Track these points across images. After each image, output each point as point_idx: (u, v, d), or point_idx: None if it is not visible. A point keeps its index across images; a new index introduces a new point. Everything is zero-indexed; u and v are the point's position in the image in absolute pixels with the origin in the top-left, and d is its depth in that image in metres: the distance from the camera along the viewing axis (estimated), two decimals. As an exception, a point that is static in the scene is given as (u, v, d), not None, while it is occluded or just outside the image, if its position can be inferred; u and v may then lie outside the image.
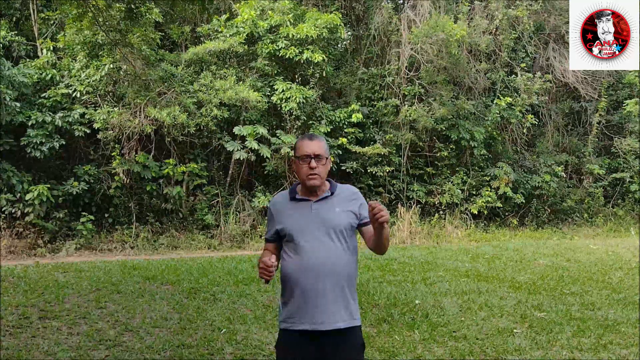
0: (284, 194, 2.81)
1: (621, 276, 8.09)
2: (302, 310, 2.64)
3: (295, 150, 2.76)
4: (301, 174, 2.72)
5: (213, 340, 5.00)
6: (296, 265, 2.65)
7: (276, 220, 2.75)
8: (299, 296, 2.65)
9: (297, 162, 2.74)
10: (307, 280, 2.63)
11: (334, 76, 13.72)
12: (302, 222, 2.68)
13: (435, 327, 5.46)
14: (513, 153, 15.03)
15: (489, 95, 14.95)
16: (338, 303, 2.65)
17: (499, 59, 14.89)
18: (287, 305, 2.70)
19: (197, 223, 11.63)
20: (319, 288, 2.63)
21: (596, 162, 15.56)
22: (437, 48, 13.64)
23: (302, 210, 2.71)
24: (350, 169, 13.07)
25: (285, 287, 2.71)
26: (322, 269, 2.63)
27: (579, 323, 5.60)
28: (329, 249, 2.65)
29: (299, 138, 2.82)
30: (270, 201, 2.87)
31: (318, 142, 2.74)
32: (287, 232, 2.69)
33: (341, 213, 2.72)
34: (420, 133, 13.74)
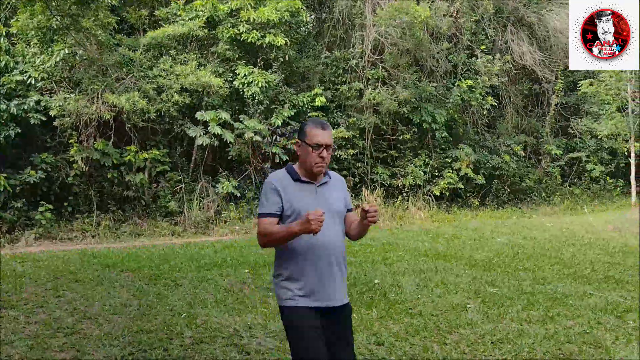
0: (284, 174, 2.84)
1: (573, 252, 8.41)
2: (317, 287, 2.74)
3: (306, 137, 2.78)
4: (309, 160, 2.77)
5: (173, 325, 5.03)
6: (307, 243, 2.71)
7: (283, 197, 2.76)
8: (312, 274, 2.74)
9: (305, 148, 2.78)
10: (320, 258, 2.74)
11: (297, 60, 13.69)
12: (311, 203, 2.74)
13: (392, 305, 5.60)
14: (474, 135, 15.32)
15: (450, 77, 15.15)
16: (342, 280, 2.86)
17: (460, 41, 15.10)
18: (295, 282, 2.75)
19: (160, 210, 11.54)
20: (333, 266, 2.78)
21: (554, 143, 16.01)
22: (401, 31, 13.74)
23: (308, 192, 2.80)
24: (314, 153, 13.11)
25: (292, 264, 2.76)
26: (332, 248, 2.78)
27: (529, 297, 5.83)
28: (335, 231, 2.81)
29: (308, 124, 2.84)
30: (272, 178, 2.84)
31: (329, 131, 2.81)
32: (296, 211, 2.73)
33: (338, 198, 2.89)
34: (383, 116, 13.87)
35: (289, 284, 2.76)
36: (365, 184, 13.57)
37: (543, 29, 15.43)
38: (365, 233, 2.95)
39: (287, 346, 4.42)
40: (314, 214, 2.55)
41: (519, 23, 15.53)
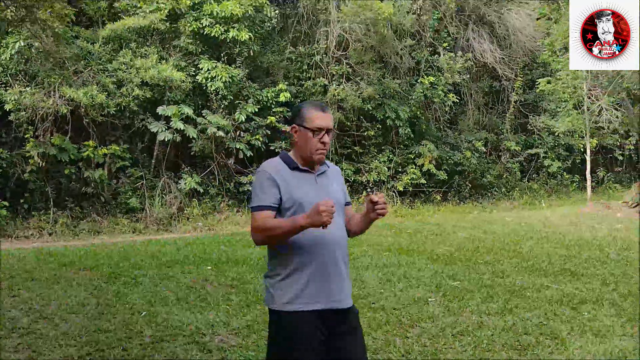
0: (279, 162, 2.55)
1: (531, 245, 8.62)
2: (322, 288, 2.43)
3: (304, 120, 2.51)
4: (309, 146, 2.49)
5: (132, 323, 4.93)
6: (312, 238, 2.41)
7: (281, 187, 2.45)
8: (318, 272, 2.43)
9: (304, 133, 2.50)
10: (326, 255, 2.45)
11: (261, 55, 13.59)
12: (311, 194, 2.46)
13: (355, 300, 5.55)
14: (436, 131, 15.53)
15: (413, 74, 15.31)
16: (348, 279, 2.58)
17: (423, 39, 15.26)
18: (297, 282, 2.43)
19: (120, 207, 11.30)
20: (339, 263, 2.50)
21: (513, 139, 16.38)
22: (365, 27, 13.81)
23: (307, 182, 2.52)
24: (279, 148, 13.06)
25: (293, 261, 2.44)
26: (337, 243, 2.50)
27: (488, 290, 5.95)
28: (339, 224, 2.52)
29: (306, 106, 2.56)
30: (266, 168, 2.52)
31: (330, 114, 2.55)
32: (297, 203, 2.44)
33: (338, 189, 2.63)
34: (348, 112, 13.92)
35: (288, 284, 2.43)
36: (329, 180, 13.58)
37: (503, 28, 15.75)
38: (368, 228, 2.65)
39: (249, 343, 4.44)
40: (324, 204, 2.25)
41: (480, 21, 15.81)
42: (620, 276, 6.58)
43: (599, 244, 8.74)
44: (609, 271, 6.84)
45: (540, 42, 15.33)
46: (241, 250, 8.21)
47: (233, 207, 12.28)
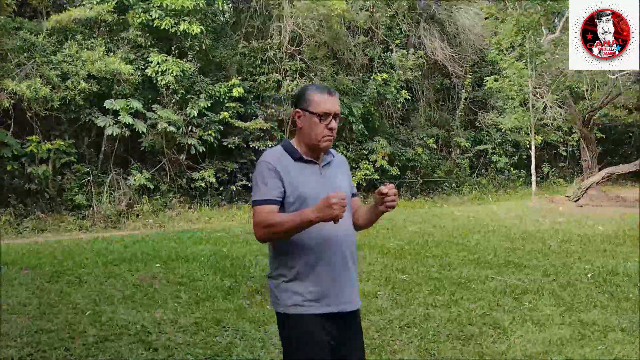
0: (281, 152, 2.33)
1: (478, 239, 8.86)
2: (331, 289, 2.26)
3: (310, 105, 2.29)
4: (315, 133, 2.28)
5: (75, 323, 4.79)
6: (319, 235, 2.23)
7: (285, 180, 2.25)
8: (326, 272, 2.26)
9: (310, 119, 2.29)
10: (335, 253, 2.28)
11: (213, 49, 13.43)
12: (317, 187, 2.28)
13: (306, 295, 5.64)
14: (389, 127, 15.74)
15: (366, 71, 15.45)
16: (357, 279, 2.42)
17: (376, 35, 15.42)
18: (304, 283, 2.25)
19: (66, 204, 10.96)
20: (348, 262, 2.33)
21: (463, 135, 16.80)
22: (319, 23, 13.84)
23: (312, 174, 2.32)
24: (232, 144, 12.95)
25: (300, 261, 2.25)
26: (346, 240, 2.33)
27: (436, 282, 6.09)
28: (346, 219, 2.30)
29: (311, 89, 2.34)
30: (268, 158, 2.30)
31: (337, 98, 2.34)
32: (301, 197, 2.25)
33: (344, 180, 2.44)
34: (301, 108, 13.91)
35: (295, 286, 2.25)
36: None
37: (453, 26, 16.10)
38: (376, 221, 2.48)
39: (197, 340, 4.40)
40: (335, 195, 2.06)
41: (431, 19, 16.11)
42: (560, 267, 6.84)
43: (541, 236, 9.06)
44: (550, 262, 7.10)
45: (488, 41, 15.74)
46: (192, 247, 8.10)
47: (185, 204, 12.11)
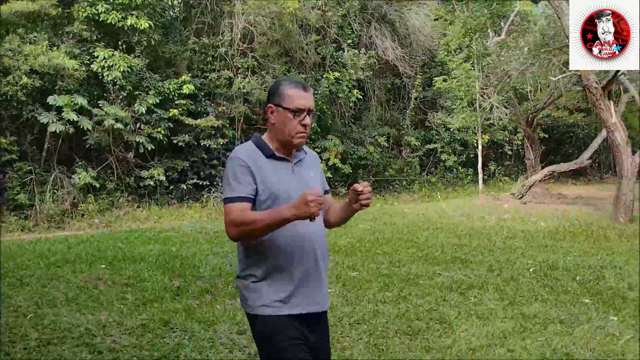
0: (253, 149, 2.26)
1: (427, 236, 9.06)
2: (302, 289, 2.23)
3: (283, 100, 2.23)
4: (289, 129, 2.23)
5: (17, 326, 4.61)
6: (291, 234, 2.18)
7: (257, 177, 2.19)
8: (297, 272, 2.22)
9: (282, 114, 2.23)
10: (307, 252, 2.23)
11: (162, 45, 13.16)
12: (289, 186, 2.22)
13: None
14: (341, 126, 15.85)
15: (319, 69, 15.50)
16: (326, 279, 2.37)
17: (328, 34, 15.48)
18: (274, 283, 2.20)
19: (7, 203, 10.50)
20: (319, 261, 2.28)
21: (413, 135, 17.11)
22: (271, 21, 13.78)
23: (285, 172, 2.27)
24: (182, 142, 12.73)
25: (270, 260, 2.20)
26: (317, 239, 2.28)
27: (385, 279, 6.18)
28: (319, 218, 2.25)
29: (285, 84, 2.27)
30: (239, 154, 2.22)
31: (311, 94, 2.29)
32: (274, 194, 2.19)
33: (316, 178, 2.38)
34: (254, 106, 13.85)
35: (264, 286, 2.20)
36: (235, 174, 13.44)
37: (403, 27, 16.35)
38: (349, 219, 2.44)
39: (144, 342, 4.31)
40: (312, 193, 2.00)
41: (382, 20, 16.30)
42: (504, 262, 7.08)
43: (487, 233, 9.34)
44: (494, 258, 7.34)
45: (437, 42, 16.09)
46: (140, 248, 7.92)
47: (133, 203, 11.83)
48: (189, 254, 7.48)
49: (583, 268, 6.72)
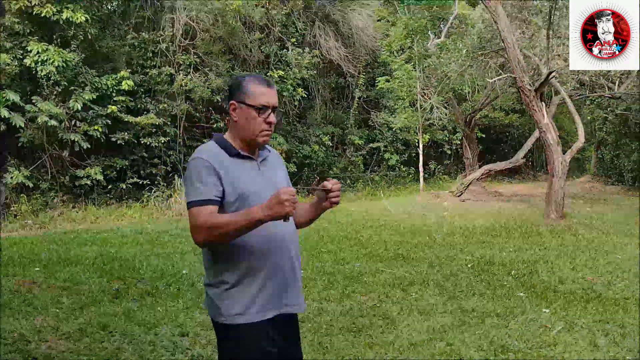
0: (216, 148, 2.14)
1: (370, 233, 9.20)
2: (275, 293, 2.13)
3: (247, 96, 2.14)
4: (252, 127, 2.14)
5: (-59, 335, 4.35)
6: (264, 235, 2.07)
7: (223, 178, 2.07)
8: (271, 276, 2.11)
9: (247, 112, 2.14)
10: (281, 253, 2.14)
11: (100, 39, 12.71)
12: (258, 186, 2.13)
13: (200, 295, 5.54)
14: (286, 125, 15.84)
15: (263, 67, 15.41)
16: (301, 280, 2.30)
17: (272, 33, 15.42)
18: (248, 289, 2.08)
19: None
20: (293, 261, 2.20)
21: (357, 134, 17.32)
22: (214, 17, 13.58)
23: (251, 171, 2.17)
24: (121, 140, 12.34)
25: (243, 265, 2.08)
26: (290, 239, 2.20)
27: (329, 277, 6.24)
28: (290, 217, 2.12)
29: (248, 80, 2.18)
30: (203, 154, 2.10)
31: (275, 90, 2.21)
32: (243, 195, 2.08)
33: (282, 176, 2.31)
34: (196, 104, 13.62)
35: (238, 292, 2.08)
36: (177, 173, 13.19)
37: (347, 27, 16.51)
38: (317, 218, 2.35)
39: (82, 347, 4.17)
40: (286, 192, 1.91)
41: (326, 19, 16.39)
42: (444, 258, 7.30)
43: (428, 230, 9.59)
44: (435, 254, 7.55)
45: (380, 43, 16.35)
46: (76, 249, 7.64)
47: (69, 203, 11.38)
48: (128, 255, 7.28)
49: (518, 263, 7.02)
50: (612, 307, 5.15)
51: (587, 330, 4.54)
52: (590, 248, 8.02)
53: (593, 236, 9.08)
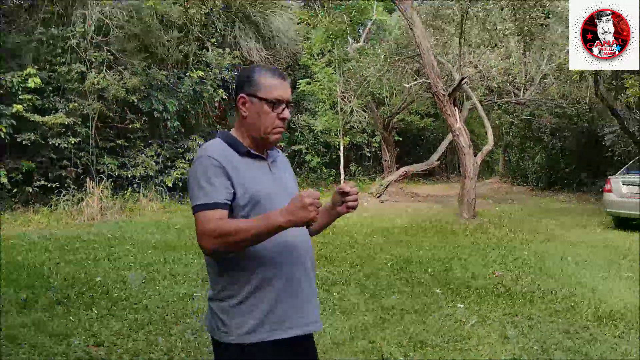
0: (225, 146, 1.91)
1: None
2: (291, 309, 1.89)
3: (259, 89, 1.91)
4: (265, 123, 1.92)
5: None
6: (278, 244, 1.84)
7: (233, 179, 1.84)
8: (286, 289, 1.88)
9: (259, 106, 1.91)
10: (296, 264, 1.91)
11: (5, 34, 11.88)
12: (269, 188, 1.91)
13: (115, 302, 5.32)
14: (206, 126, 15.55)
15: (181, 67, 15.05)
16: (317, 293, 2.06)
17: (191, 32, 15.09)
18: (260, 304, 1.85)
19: None
20: (309, 273, 1.97)
21: (280, 136, 17.32)
22: (128, 14, 13.08)
23: (262, 172, 1.94)
24: (27, 140, 11.58)
25: (255, 277, 1.84)
26: (306, 248, 1.97)
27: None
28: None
29: (260, 71, 1.95)
30: (211, 153, 1.86)
31: (289, 83, 1.99)
32: (254, 198, 1.85)
33: (292, 180, 2.10)
34: (110, 103, 13.05)
35: (249, 308, 1.84)
36: (90, 175, 12.58)
37: (268, 29, 16.47)
38: (330, 224, 2.15)
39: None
40: (310, 195, 1.68)
41: (246, 20, 16.27)
42: (365, 258, 7.45)
43: (349, 230, 9.76)
44: (356, 254, 7.69)
45: (301, 46, 16.45)
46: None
47: (-32, 208, 10.54)
48: (37, 262, 6.86)
49: (434, 261, 7.31)
50: (520, 300, 5.48)
51: (498, 323, 4.81)
52: (499, 245, 8.50)
53: (502, 234, 9.63)
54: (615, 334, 4.54)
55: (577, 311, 5.12)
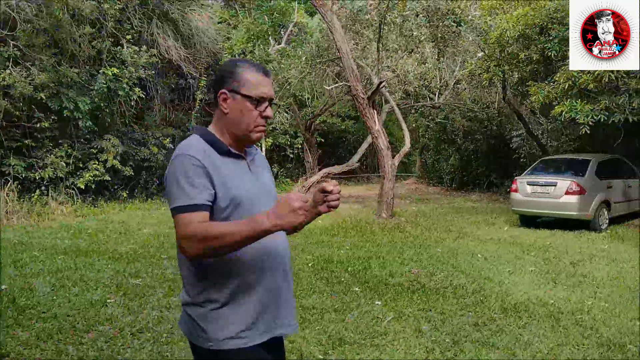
0: (204, 145, 1.82)
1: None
2: (271, 313, 1.85)
3: (241, 85, 1.83)
4: (247, 121, 1.85)
5: None
6: (259, 248, 1.78)
7: (215, 180, 1.75)
8: (267, 293, 1.84)
9: (241, 103, 1.84)
10: (276, 268, 1.86)
11: None
12: (250, 189, 1.85)
13: (22, 311, 5.02)
14: (122, 126, 14.98)
15: (94, 64, 14.40)
16: (293, 296, 2.03)
17: (105, 28, 14.48)
18: (241, 308, 1.79)
19: None
20: (288, 276, 1.93)
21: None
22: (37, 8, 12.36)
23: (242, 172, 1.87)
24: None
25: (235, 281, 1.78)
26: (284, 252, 1.93)
27: (170, 284, 6.05)
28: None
29: (242, 66, 1.87)
30: (191, 151, 1.77)
31: (271, 79, 1.92)
32: (236, 200, 1.78)
33: (270, 180, 2.03)
34: (16, 101, 12.25)
35: (229, 313, 1.79)
36: (-7, 177, 11.77)
37: (187, 27, 16.12)
38: (308, 224, 1.96)
39: None
40: (297, 199, 1.63)
41: (164, 17, 15.84)
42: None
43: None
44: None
45: (222, 45, 16.25)
46: None
47: None
48: None
49: (354, 260, 7.47)
50: (434, 295, 5.73)
51: (413, 318, 5.00)
52: (415, 243, 8.82)
53: (418, 232, 10.00)
54: (520, 324, 4.86)
55: (486, 304, 5.42)
